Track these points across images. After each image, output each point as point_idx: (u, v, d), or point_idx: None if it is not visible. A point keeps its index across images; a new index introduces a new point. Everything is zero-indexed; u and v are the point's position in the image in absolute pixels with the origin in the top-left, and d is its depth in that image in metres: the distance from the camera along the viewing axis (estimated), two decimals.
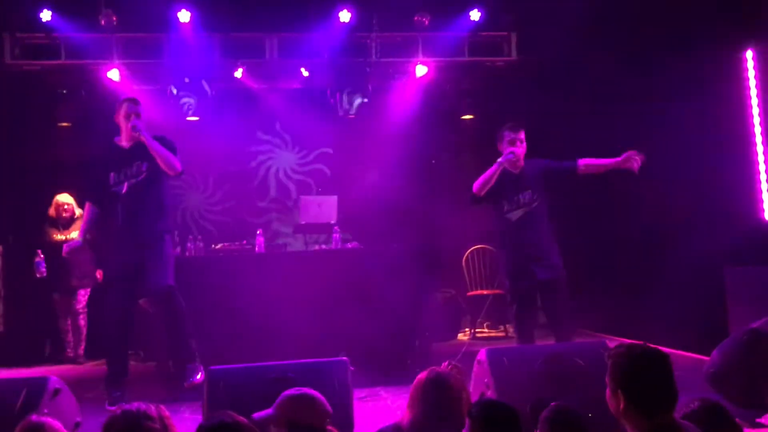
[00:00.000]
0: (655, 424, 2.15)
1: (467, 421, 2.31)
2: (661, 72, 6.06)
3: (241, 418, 2.20)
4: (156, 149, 4.84)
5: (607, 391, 2.26)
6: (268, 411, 2.64)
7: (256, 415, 2.65)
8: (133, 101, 5.00)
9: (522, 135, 4.92)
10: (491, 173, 4.84)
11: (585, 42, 6.72)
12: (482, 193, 4.90)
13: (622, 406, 2.19)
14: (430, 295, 6.49)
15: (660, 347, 2.28)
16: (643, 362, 2.19)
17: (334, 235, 6.44)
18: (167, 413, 2.49)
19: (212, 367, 3.35)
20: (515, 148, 4.86)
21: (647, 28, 6.10)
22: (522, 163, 4.96)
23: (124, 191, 4.87)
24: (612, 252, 5.79)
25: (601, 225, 6.57)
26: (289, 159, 8.34)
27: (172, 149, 4.96)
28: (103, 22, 6.69)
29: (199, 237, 6.27)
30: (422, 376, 2.82)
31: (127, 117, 4.91)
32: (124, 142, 4.99)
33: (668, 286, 5.80)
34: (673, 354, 2.25)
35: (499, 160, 4.83)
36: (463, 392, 2.79)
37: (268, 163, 8.24)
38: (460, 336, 7.72)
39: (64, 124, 7.31)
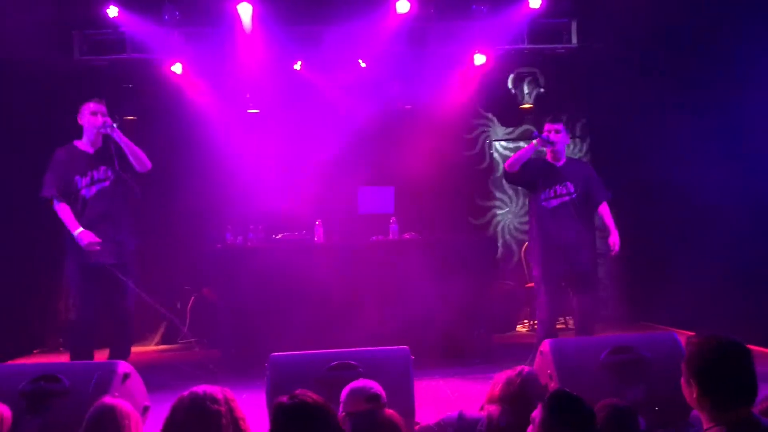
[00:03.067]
0: (730, 417, 2.08)
1: (539, 406, 2.26)
2: (726, 58, 5.84)
3: (317, 396, 2.23)
4: (127, 144, 4.80)
5: (682, 379, 2.20)
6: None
7: None
8: (98, 100, 4.88)
9: (559, 126, 5.18)
10: (524, 150, 5.22)
11: (648, 28, 6.54)
12: (514, 168, 5.16)
13: (695, 395, 2.14)
14: (488, 286, 6.43)
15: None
16: (719, 353, 2.12)
17: (392, 225, 6.44)
18: (232, 396, 2.55)
19: (274, 354, 3.40)
20: (551, 135, 5.14)
21: (713, 12, 5.88)
22: (563, 157, 5.25)
23: (90, 195, 4.79)
24: (684, 245, 5.64)
25: (671, 218, 6.40)
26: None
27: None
28: (166, 17, 6.84)
29: (260, 227, 6.36)
30: (508, 376, 2.80)
31: (93, 114, 4.81)
32: (87, 145, 4.87)
33: (743, 280, 5.61)
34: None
35: (536, 142, 5.15)
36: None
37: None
38: (519, 328, 7.65)
39: (130, 117, 7.50)
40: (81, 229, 4.65)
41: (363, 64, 7.46)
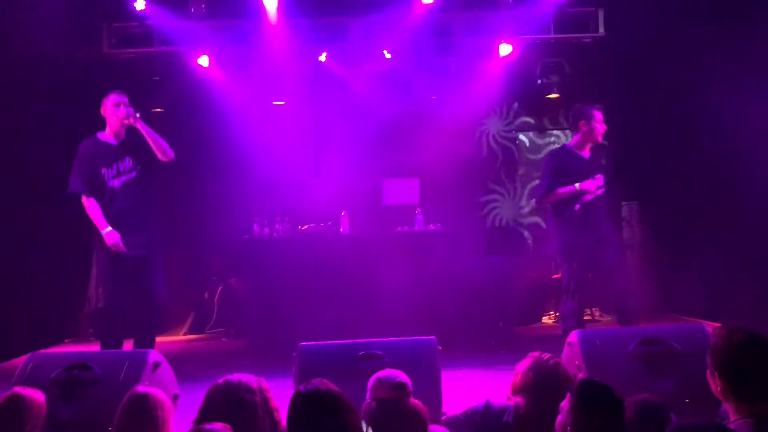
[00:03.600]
0: (757, 410, 2.08)
1: (568, 395, 2.26)
2: (754, 48, 5.73)
3: (333, 386, 2.25)
4: (151, 134, 4.80)
5: (708, 370, 2.21)
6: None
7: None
8: (120, 91, 4.87)
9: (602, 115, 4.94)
10: (564, 193, 4.83)
11: (675, 17, 6.44)
12: (546, 203, 5.04)
13: (719, 388, 2.15)
14: (513, 277, 6.42)
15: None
16: (743, 348, 2.13)
17: (417, 216, 6.45)
18: (267, 386, 2.57)
19: (302, 344, 3.42)
20: (600, 132, 4.89)
21: (740, 2, 5.78)
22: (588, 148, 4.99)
23: (117, 186, 4.76)
24: (710, 235, 5.56)
25: (697, 207, 6.32)
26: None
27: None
28: (192, 10, 6.89)
29: (286, 218, 6.40)
30: (527, 366, 2.82)
31: (117, 106, 4.79)
32: (111, 137, 4.85)
33: None
34: None
35: (579, 186, 4.81)
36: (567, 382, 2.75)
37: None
38: (545, 319, 7.60)
39: (157, 110, 7.56)
40: (109, 228, 4.66)
41: (388, 56, 7.45)
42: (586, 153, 4.98)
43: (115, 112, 4.81)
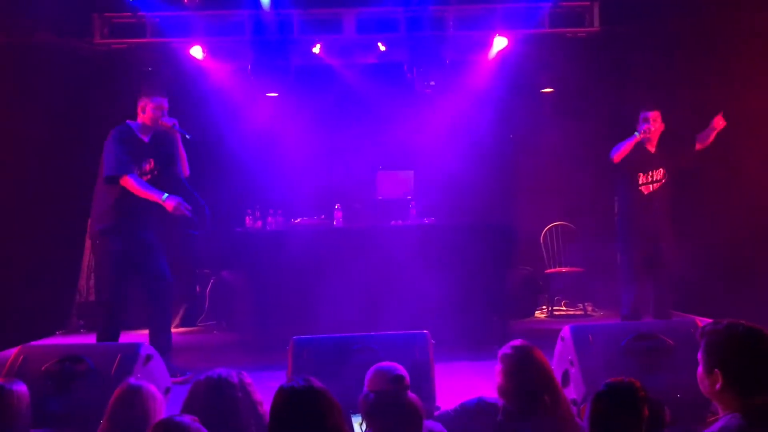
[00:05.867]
0: (752, 404, 2.06)
1: (590, 402, 2.28)
2: (753, 42, 5.73)
3: (318, 383, 2.24)
4: (183, 152, 5.00)
5: (700, 370, 2.17)
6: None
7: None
8: (163, 94, 4.90)
9: (656, 114, 5.39)
10: (627, 144, 5.33)
11: (671, 11, 6.43)
12: (618, 160, 5.37)
13: (718, 386, 2.10)
14: (507, 271, 6.42)
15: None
16: (745, 341, 2.10)
17: (411, 210, 6.44)
18: (249, 380, 2.56)
19: (296, 337, 3.42)
20: (649, 125, 5.33)
21: None
22: (655, 142, 5.45)
23: None
24: (709, 225, 5.61)
25: (693, 199, 6.32)
26: None
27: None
28: (185, 1, 6.83)
29: (279, 211, 6.38)
30: (504, 351, 2.84)
31: (160, 110, 4.82)
32: (143, 133, 4.87)
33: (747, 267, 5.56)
34: None
35: (636, 132, 5.33)
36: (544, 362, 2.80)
37: None
38: (538, 314, 7.63)
39: None
40: (166, 194, 4.70)
41: (382, 48, 7.42)
42: (654, 147, 5.46)
43: (157, 115, 4.82)
